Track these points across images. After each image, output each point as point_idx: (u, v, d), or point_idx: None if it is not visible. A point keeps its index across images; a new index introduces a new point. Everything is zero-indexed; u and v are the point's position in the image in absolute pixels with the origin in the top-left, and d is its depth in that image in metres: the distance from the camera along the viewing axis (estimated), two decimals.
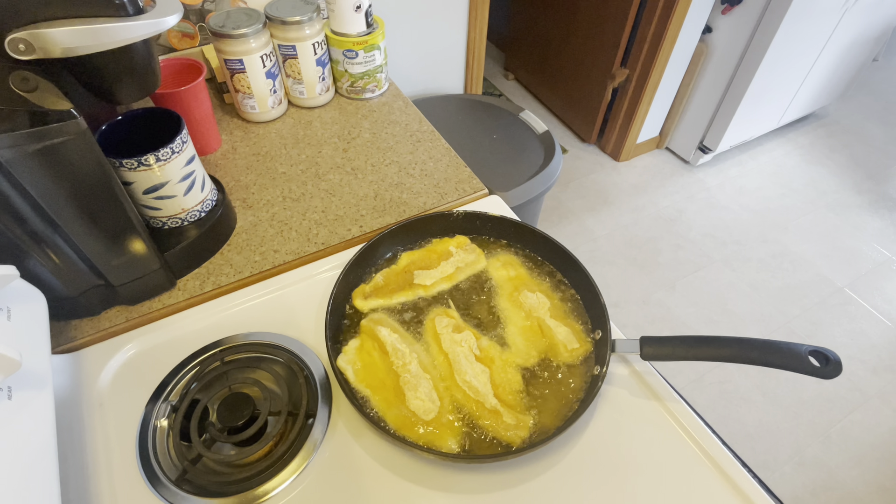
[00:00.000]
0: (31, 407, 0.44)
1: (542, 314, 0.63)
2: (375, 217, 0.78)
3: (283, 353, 0.60)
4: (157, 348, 0.62)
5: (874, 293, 1.84)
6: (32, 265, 0.56)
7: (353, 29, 0.90)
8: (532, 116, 1.39)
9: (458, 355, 0.58)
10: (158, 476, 0.51)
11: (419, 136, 0.92)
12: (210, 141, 0.86)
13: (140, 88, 0.55)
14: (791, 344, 0.52)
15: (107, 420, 0.56)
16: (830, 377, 0.49)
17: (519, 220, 0.71)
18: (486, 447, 0.53)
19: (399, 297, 0.65)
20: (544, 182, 1.23)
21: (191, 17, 0.93)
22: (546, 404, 0.56)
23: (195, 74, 0.81)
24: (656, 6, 1.80)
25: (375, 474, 0.52)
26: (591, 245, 1.99)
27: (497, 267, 0.69)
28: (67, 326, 0.63)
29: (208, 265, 0.70)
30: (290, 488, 0.51)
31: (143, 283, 0.64)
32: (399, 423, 0.53)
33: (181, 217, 0.68)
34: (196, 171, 0.67)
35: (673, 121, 2.25)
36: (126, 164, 0.59)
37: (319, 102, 0.97)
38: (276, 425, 0.53)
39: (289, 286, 0.69)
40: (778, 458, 1.44)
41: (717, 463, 0.53)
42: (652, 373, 0.60)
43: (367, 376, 0.57)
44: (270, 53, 0.86)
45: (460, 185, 0.83)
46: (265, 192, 0.81)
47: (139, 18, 0.46)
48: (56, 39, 0.42)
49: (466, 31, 1.34)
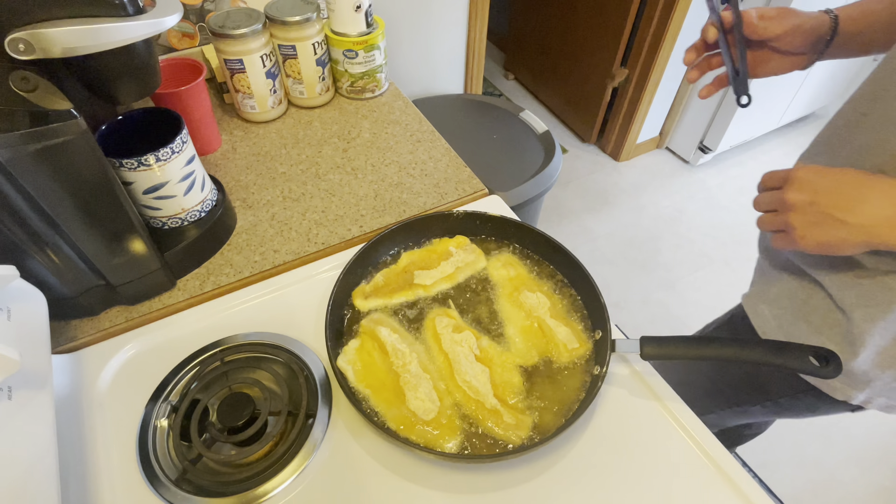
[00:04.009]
0: (31, 407, 0.44)
1: (542, 314, 0.63)
2: (375, 217, 0.78)
3: (283, 353, 0.60)
4: (157, 348, 0.62)
5: None
6: (32, 265, 0.56)
7: (353, 29, 0.90)
8: (532, 116, 1.39)
9: (458, 355, 0.58)
10: (158, 476, 0.51)
11: (419, 136, 0.92)
12: (210, 141, 0.86)
13: (140, 88, 0.55)
14: (791, 344, 0.52)
15: (107, 420, 0.56)
16: (830, 377, 0.49)
17: (519, 220, 0.71)
18: (486, 447, 0.53)
19: (399, 296, 0.65)
20: (544, 182, 1.23)
21: (191, 17, 0.93)
22: (546, 404, 0.56)
23: (195, 74, 0.81)
24: (656, 6, 1.80)
25: (375, 474, 0.52)
26: (591, 245, 1.99)
27: (497, 267, 0.69)
28: (67, 326, 0.63)
29: (208, 265, 0.70)
30: (290, 488, 0.51)
31: (143, 283, 0.64)
32: (399, 423, 0.53)
33: (181, 217, 0.68)
34: (196, 171, 0.67)
35: (673, 121, 2.25)
36: (126, 164, 0.59)
37: (319, 102, 0.97)
38: (276, 425, 0.53)
39: (289, 286, 0.69)
40: (778, 458, 1.44)
41: (716, 463, 0.53)
42: (652, 373, 0.60)
43: (367, 376, 0.57)
44: (270, 53, 0.86)
45: (460, 185, 0.83)
46: (265, 192, 0.81)
47: (139, 18, 0.46)
48: (56, 39, 0.42)
49: (466, 31, 1.34)
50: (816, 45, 0.61)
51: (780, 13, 0.59)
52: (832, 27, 0.60)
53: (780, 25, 0.58)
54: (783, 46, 0.60)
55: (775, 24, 0.58)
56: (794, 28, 0.58)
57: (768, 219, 0.53)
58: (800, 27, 0.58)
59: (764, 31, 0.58)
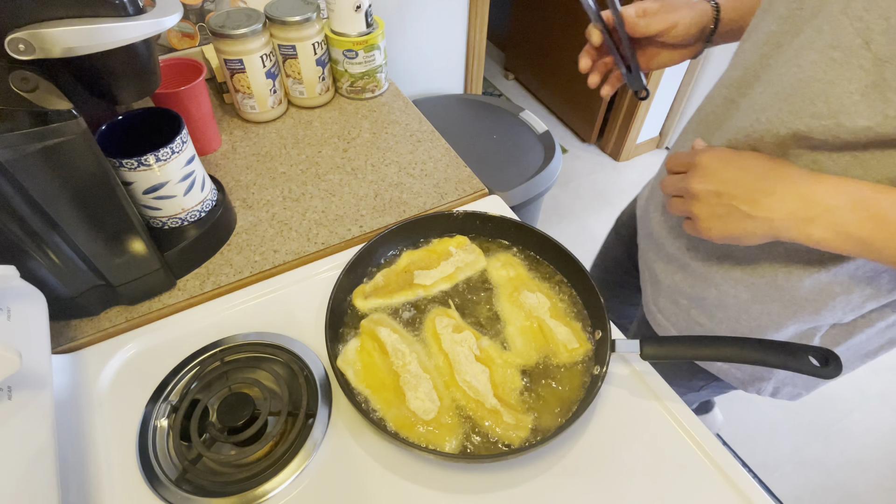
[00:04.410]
0: (31, 407, 0.44)
1: (542, 314, 0.62)
2: (375, 217, 0.78)
3: (283, 353, 0.60)
4: (157, 348, 0.62)
5: None
6: (32, 265, 0.56)
7: (352, 29, 0.90)
8: (532, 116, 1.39)
9: (458, 355, 0.58)
10: (158, 476, 0.51)
11: (419, 136, 0.92)
12: (210, 141, 0.86)
13: (140, 88, 0.55)
14: (791, 344, 0.51)
15: (107, 420, 0.56)
16: (830, 377, 0.49)
17: (519, 220, 0.71)
18: (486, 447, 0.53)
19: (399, 296, 0.65)
20: (544, 182, 1.23)
21: (191, 17, 0.93)
22: (546, 404, 0.56)
23: (195, 74, 0.81)
24: None
25: (375, 474, 0.52)
26: (591, 245, 1.98)
27: (497, 267, 0.69)
28: (67, 326, 0.63)
29: (208, 265, 0.70)
30: (290, 488, 0.51)
31: (143, 283, 0.64)
32: (399, 423, 0.53)
33: (181, 217, 0.68)
34: (196, 171, 0.67)
35: (673, 121, 2.24)
36: (126, 164, 0.59)
37: (319, 102, 0.97)
38: (276, 425, 0.53)
39: (289, 286, 0.69)
40: (778, 458, 1.44)
41: (717, 463, 0.53)
42: (652, 373, 0.60)
43: (367, 376, 0.57)
44: (270, 53, 0.86)
45: (460, 185, 0.83)
46: (265, 192, 0.81)
47: (139, 18, 0.46)
48: (56, 39, 0.42)
49: (466, 32, 1.34)
50: (702, 35, 0.62)
51: (662, 7, 0.59)
52: (715, 16, 0.61)
53: (662, 21, 0.58)
54: (669, 40, 0.61)
55: (657, 20, 0.58)
56: (676, 23, 0.59)
57: (676, 204, 0.52)
58: (681, 21, 0.59)
59: (646, 28, 0.59)
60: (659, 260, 0.69)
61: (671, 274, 0.67)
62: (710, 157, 0.49)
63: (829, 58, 0.42)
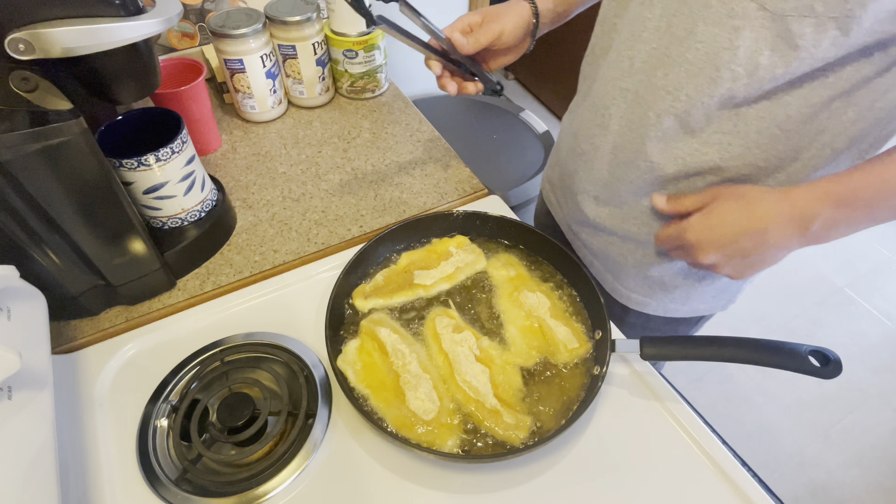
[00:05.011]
0: (30, 407, 0.44)
1: (542, 314, 0.62)
2: (375, 217, 0.78)
3: (283, 353, 0.60)
4: (157, 348, 0.62)
5: (874, 293, 1.84)
6: (32, 265, 0.56)
7: (353, 29, 0.90)
8: (532, 116, 1.39)
9: (458, 355, 0.58)
10: (158, 476, 0.51)
11: (419, 136, 0.92)
12: (210, 141, 0.86)
13: (140, 88, 0.55)
14: (791, 344, 0.52)
15: (107, 420, 0.56)
16: (830, 377, 0.49)
17: (519, 220, 0.71)
18: (486, 447, 0.53)
19: (399, 296, 0.65)
20: None
21: (191, 17, 0.93)
22: (546, 404, 0.56)
23: (195, 74, 0.81)
24: None
25: (375, 474, 0.52)
26: None
27: (497, 267, 0.68)
28: (67, 326, 0.63)
29: (208, 265, 0.70)
30: (290, 488, 0.51)
31: (143, 283, 0.64)
32: (399, 423, 0.53)
33: (181, 217, 0.68)
34: (196, 171, 0.67)
35: None
36: (126, 164, 0.59)
37: (319, 102, 0.97)
38: (276, 425, 0.53)
39: (289, 286, 0.69)
40: (778, 458, 1.44)
41: (717, 463, 0.53)
42: (652, 373, 0.60)
43: (367, 376, 0.57)
44: (270, 53, 0.86)
45: (460, 185, 0.83)
46: (265, 192, 0.81)
47: (139, 18, 0.46)
48: (56, 39, 0.42)
49: None
50: (528, 32, 0.67)
51: (485, 18, 0.64)
52: (534, 11, 0.66)
53: (488, 33, 0.63)
54: (500, 46, 0.65)
55: (483, 32, 0.63)
56: (502, 31, 0.63)
57: (679, 255, 0.58)
58: (506, 28, 0.63)
59: (475, 44, 0.63)
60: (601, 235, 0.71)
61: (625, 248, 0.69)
62: (695, 232, 0.52)
63: (729, 27, 0.45)
